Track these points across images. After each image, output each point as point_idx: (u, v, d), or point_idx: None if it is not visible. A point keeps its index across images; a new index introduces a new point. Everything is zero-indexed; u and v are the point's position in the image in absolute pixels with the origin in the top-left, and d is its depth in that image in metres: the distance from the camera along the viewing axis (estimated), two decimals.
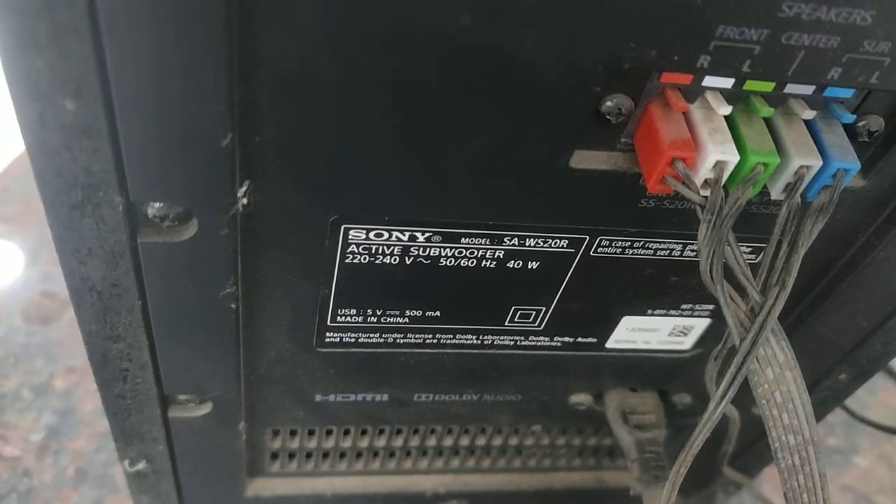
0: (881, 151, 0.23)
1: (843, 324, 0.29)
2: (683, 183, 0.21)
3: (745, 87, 0.21)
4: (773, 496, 0.41)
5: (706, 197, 0.21)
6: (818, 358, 0.31)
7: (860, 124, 0.22)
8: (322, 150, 0.21)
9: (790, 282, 0.21)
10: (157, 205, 0.21)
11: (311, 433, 0.34)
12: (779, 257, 0.21)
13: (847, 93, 0.21)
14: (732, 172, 0.21)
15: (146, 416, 0.29)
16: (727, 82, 0.20)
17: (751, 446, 0.36)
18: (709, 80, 0.20)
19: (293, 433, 0.34)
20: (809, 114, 0.21)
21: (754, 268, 0.21)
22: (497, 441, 0.36)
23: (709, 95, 0.21)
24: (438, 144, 0.21)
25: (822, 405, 0.33)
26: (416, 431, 0.35)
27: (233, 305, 0.24)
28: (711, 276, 0.21)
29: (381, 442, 0.35)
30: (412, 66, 0.19)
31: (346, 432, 0.34)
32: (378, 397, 0.31)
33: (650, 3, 0.18)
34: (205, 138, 0.19)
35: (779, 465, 0.22)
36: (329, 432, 0.34)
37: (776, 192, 0.22)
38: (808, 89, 0.21)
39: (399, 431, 0.35)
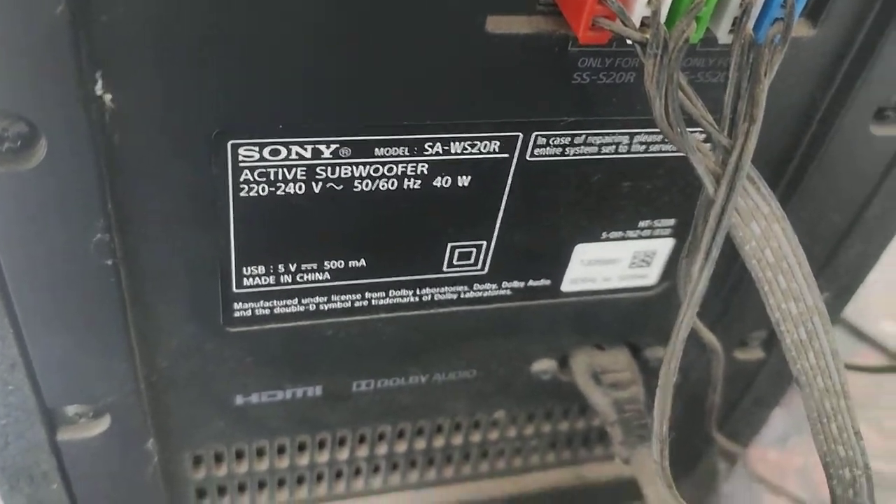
0: None
1: (814, 224, 0.25)
2: (619, 20, 0.18)
3: None
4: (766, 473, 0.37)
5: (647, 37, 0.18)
6: None
7: None
8: (190, 33, 0.17)
9: (759, 114, 0.18)
10: None
11: (239, 456, 0.29)
12: (741, 95, 0.18)
13: None
14: (671, 9, 0.18)
15: (30, 442, 0.24)
16: None
17: (737, 405, 0.32)
18: None
19: (218, 459, 0.29)
20: None
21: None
22: (457, 440, 0.31)
23: None
24: (332, 22, 0.18)
25: None
26: (362, 440, 0.30)
27: (109, 262, 0.20)
28: (668, 121, 0.18)
29: (322, 457, 0.30)
30: None
31: (282, 450, 0.29)
32: (310, 391, 0.27)
33: None
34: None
35: (784, 340, 0.18)
36: (261, 453, 0.29)
37: (722, 33, 0.19)
38: None
39: (342, 442, 0.30)
